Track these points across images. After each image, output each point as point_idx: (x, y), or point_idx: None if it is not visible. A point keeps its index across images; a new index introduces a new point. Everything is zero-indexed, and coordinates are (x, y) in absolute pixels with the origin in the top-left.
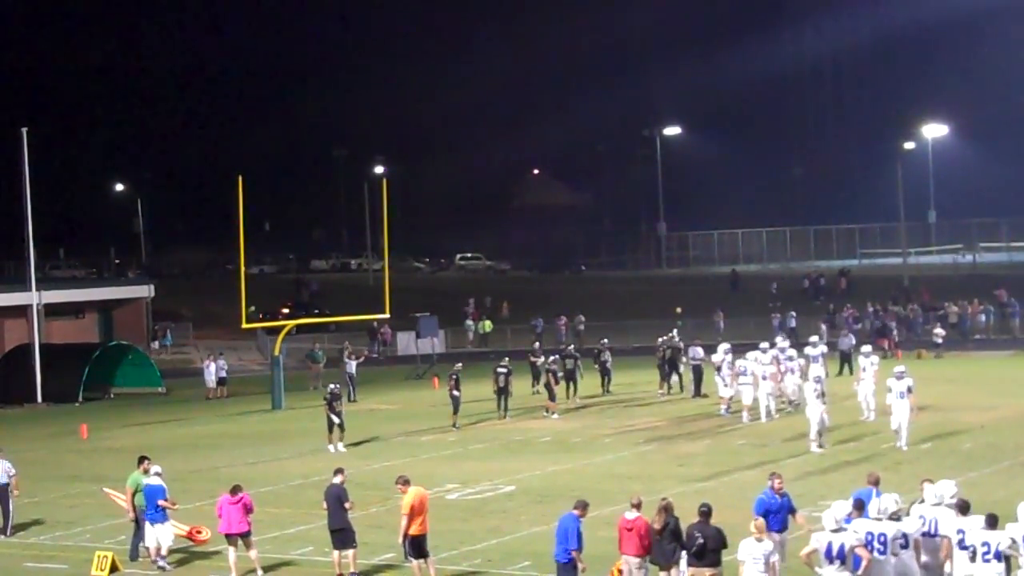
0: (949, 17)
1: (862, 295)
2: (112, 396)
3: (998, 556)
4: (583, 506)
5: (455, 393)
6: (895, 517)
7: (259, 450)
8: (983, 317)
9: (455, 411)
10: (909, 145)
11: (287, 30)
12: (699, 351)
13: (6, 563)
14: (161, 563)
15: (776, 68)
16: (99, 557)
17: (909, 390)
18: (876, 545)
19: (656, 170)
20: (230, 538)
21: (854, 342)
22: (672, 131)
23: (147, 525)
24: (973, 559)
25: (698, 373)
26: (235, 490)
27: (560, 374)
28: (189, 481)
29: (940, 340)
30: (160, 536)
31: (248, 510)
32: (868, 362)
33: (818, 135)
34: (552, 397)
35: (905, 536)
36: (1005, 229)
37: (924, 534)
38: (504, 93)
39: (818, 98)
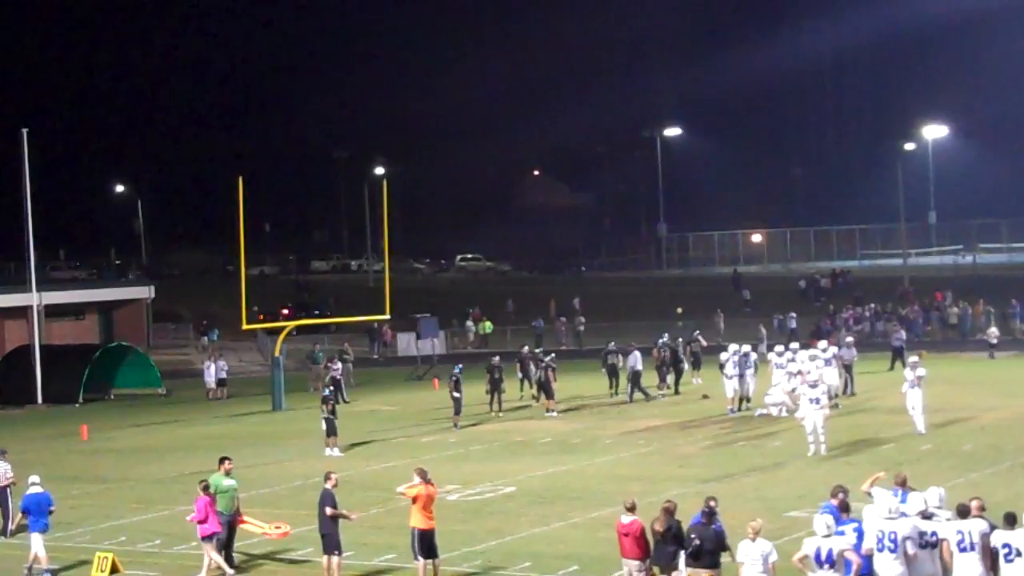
0: (949, 17)
1: (858, 296)
2: (112, 397)
3: (1019, 553)
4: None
5: (456, 394)
6: (927, 516)
7: (259, 451)
8: (984, 318)
9: (456, 412)
10: (909, 146)
11: (287, 30)
12: (637, 355)
13: (6, 564)
14: (43, 572)
15: (776, 68)
16: (99, 558)
17: (919, 379)
18: (887, 543)
19: (656, 170)
20: (210, 538)
21: (904, 338)
22: (672, 131)
23: (33, 535)
24: (996, 560)
25: (636, 377)
26: (208, 489)
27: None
28: (189, 482)
29: (995, 340)
30: (38, 546)
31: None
32: (813, 365)
33: (818, 135)
34: (550, 395)
35: (935, 534)
36: (1005, 230)
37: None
38: (504, 93)
39: (818, 98)
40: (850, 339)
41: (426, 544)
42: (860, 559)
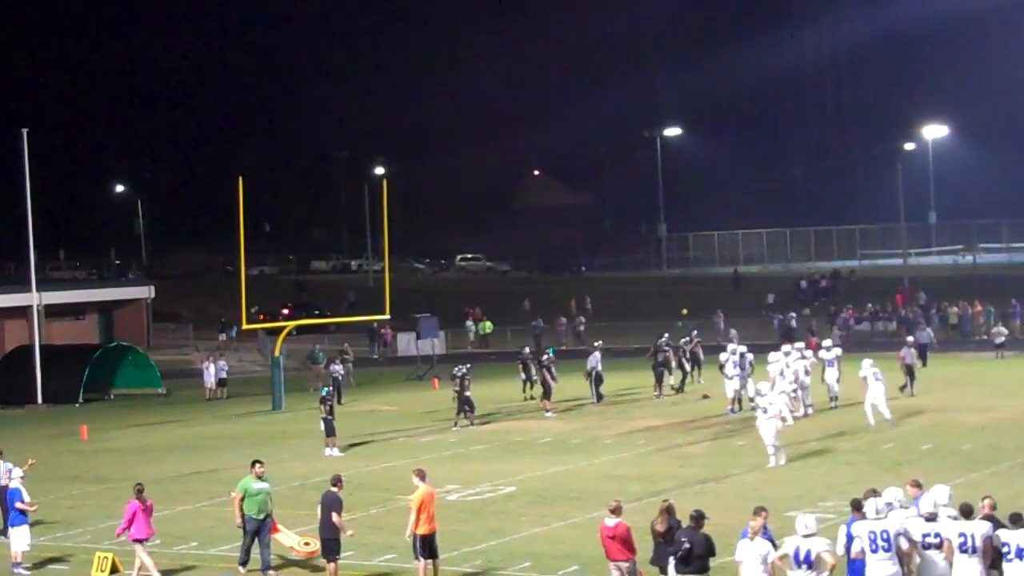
0: (949, 17)
1: (858, 296)
2: (112, 397)
3: (1020, 554)
4: (757, 511)
5: (466, 394)
6: (931, 518)
7: (259, 451)
8: (984, 317)
9: (458, 412)
10: (909, 146)
11: (287, 31)
12: (597, 355)
13: (6, 563)
14: (19, 570)
15: (776, 68)
16: (99, 558)
17: (875, 376)
18: (880, 543)
19: (656, 170)
20: (140, 543)
21: (932, 335)
22: (672, 131)
23: (10, 530)
24: (1000, 559)
25: (598, 379)
26: (142, 495)
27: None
28: (189, 482)
29: (1002, 339)
30: (17, 541)
31: (151, 513)
32: (772, 368)
33: (818, 135)
34: (547, 395)
35: (939, 535)
36: (1005, 230)
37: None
38: (504, 93)
39: (818, 98)
40: (911, 339)
41: (428, 546)
42: (835, 560)
